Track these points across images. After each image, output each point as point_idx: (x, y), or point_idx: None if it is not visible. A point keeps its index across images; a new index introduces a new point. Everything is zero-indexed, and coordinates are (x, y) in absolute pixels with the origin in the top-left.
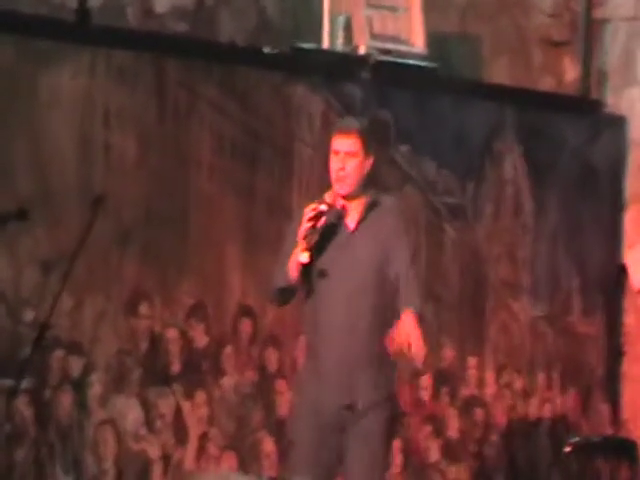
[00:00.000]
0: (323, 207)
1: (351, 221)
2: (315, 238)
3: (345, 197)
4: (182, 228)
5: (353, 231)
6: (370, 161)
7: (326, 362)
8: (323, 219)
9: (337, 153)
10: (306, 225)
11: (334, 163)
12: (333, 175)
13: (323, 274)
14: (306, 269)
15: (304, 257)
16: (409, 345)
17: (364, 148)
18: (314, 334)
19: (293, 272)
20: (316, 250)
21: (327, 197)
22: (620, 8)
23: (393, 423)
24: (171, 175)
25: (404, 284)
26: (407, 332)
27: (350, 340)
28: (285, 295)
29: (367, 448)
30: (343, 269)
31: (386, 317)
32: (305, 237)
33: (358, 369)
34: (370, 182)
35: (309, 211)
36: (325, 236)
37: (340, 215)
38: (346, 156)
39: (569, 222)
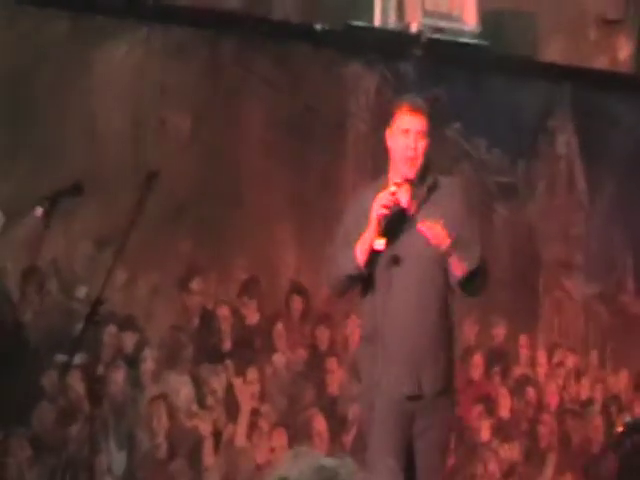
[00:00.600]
0: (393, 189)
1: (412, 204)
2: (387, 224)
3: (411, 181)
4: (235, 204)
5: (415, 215)
6: (428, 141)
7: (394, 349)
8: (394, 200)
9: (407, 132)
10: (381, 211)
11: (404, 142)
12: (401, 155)
13: (396, 261)
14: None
15: (380, 244)
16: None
17: (428, 127)
18: (381, 319)
19: (362, 258)
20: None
21: (393, 180)
22: None
23: (455, 406)
24: (225, 151)
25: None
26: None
27: (420, 328)
28: (353, 282)
29: (437, 438)
30: (412, 255)
31: (445, 300)
32: (380, 223)
33: (426, 358)
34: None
35: (383, 196)
36: (394, 222)
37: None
38: (417, 136)
39: (623, 200)
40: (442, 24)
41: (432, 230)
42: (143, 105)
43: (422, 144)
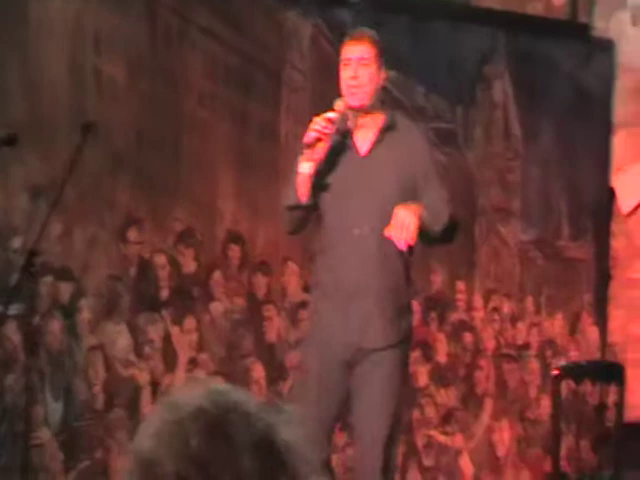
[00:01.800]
0: (332, 114)
1: (363, 143)
2: (322, 151)
3: (358, 111)
4: (174, 154)
5: (366, 155)
6: (383, 75)
7: (338, 295)
8: (331, 128)
9: (348, 61)
10: (311, 134)
11: (345, 72)
12: (344, 86)
13: (327, 188)
14: (317, 191)
15: (306, 167)
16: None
17: (377, 57)
18: (321, 261)
19: (301, 187)
20: (327, 171)
21: (337, 105)
22: None
23: (405, 366)
24: (163, 101)
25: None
26: (403, 218)
27: (364, 276)
28: (297, 214)
29: (379, 396)
30: (356, 191)
31: (398, 254)
32: (309, 146)
33: (371, 308)
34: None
35: (319, 120)
36: (335, 155)
37: (349, 126)
38: (358, 64)
39: (559, 146)
40: None
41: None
42: (79, 55)
43: (365, 72)
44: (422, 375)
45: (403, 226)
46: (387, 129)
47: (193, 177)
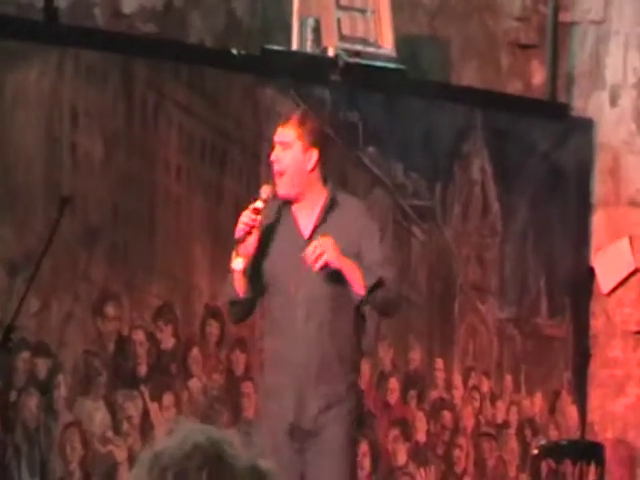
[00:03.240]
0: (258, 204)
1: (306, 225)
2: (253, 243)
3: (289, 198)
4: (149, 229)
5: (309, 237)
6: (313, 155)
7: (281, 377)
8: (259, 218)
9: (275, 144)
10: (240, 227)
11: (274, 157)
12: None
13: (276, 282)
14: (258, 278)
15: (238, 263)
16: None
17: (303, 139)
18: (269, 339)
19: (237, 283)
20: (267, 256)
21: (263, 192)
22: (588, 12)
23: (353, 438)
24: (139, 175)
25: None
26: (320, 241)
27: (306, 353)
28: (236, 309)
29: (327, 466)
30: (299, 279)
31: (349, 323)
32: (240, 240)
33: (310, 387)
34: (338, 184)
35: (245, 215)
36: (276, 239)
37: (281, 210)
38: (280, 147)
39: (537, 224)
40: (359, 48)
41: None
42: (56, 129)
43: (286, 155)
44: (401, 453)
45: (317, 247)
46: (328, 209)
47: (169, 252)
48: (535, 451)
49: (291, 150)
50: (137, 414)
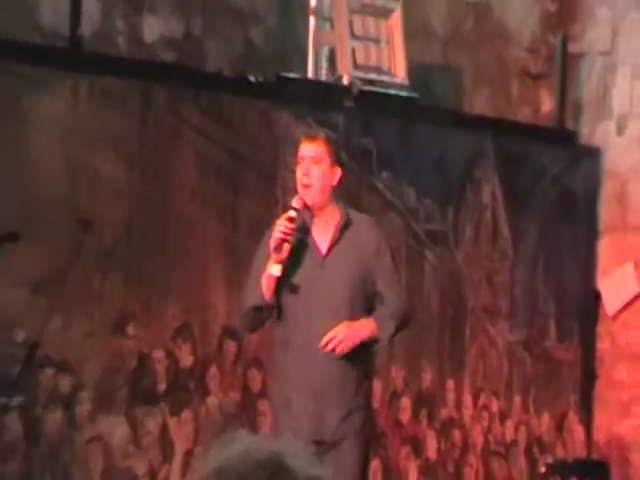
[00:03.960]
0: (292, 213)
1: (323, 243)
2: (287, 251)
3: (312, 209)
4: (167, 251)
5: (326, 254)
6: (337, 172)
7: (296, 390)
8: (293, 226)
9: (302, 159)
10: (277, 235)
11: (299, 170)
12: (299, 184)
13: (294, 290)
14: (279, 288)
15: (276, 269)
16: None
17: (330, 156)
18: (284, 356)
19: (267, 288)
20: (289, 267)
21: (295, 202)
22: (596, 43)
23: (366, 456)
24: (157, 199)
25: (387, 305)
26: (338, 331)
27: (322, 367)
28: (258, 315)
29: (346, 475)
30: (317, 291)
31: (360, 347)
32: (276, 249)
33: (331, 396)
34: (351, 207)
35: (281, 222)
36: (298, 252)
37: (307, 223)
38: (311, 162)
39: (546, 249)
40: (372, 76)
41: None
42: (77, 154)
43: (316, 170)
44: (412, 471)
45: (334, 338)
46: (344, 227)
47: (187, 273)
48: (543, 469)
49: (321, 165)
50: (156, 429)
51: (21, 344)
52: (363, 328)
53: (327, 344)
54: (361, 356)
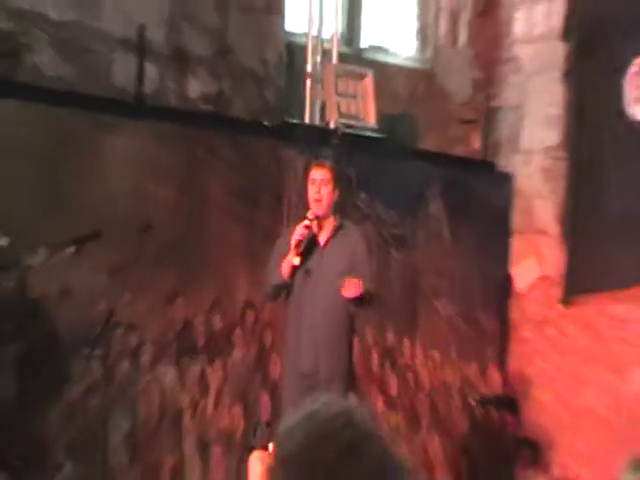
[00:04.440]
0: (307, 222)
1: (322, 239)
2: (303, 247)
3: (319, 218)
4: (205, 247)
5: (324, 247)
6: (337, 192)
7: (305, 338)
8: (307, 231)
9: (314, 181)
10: (297, 237)
11: (311, 189)
12: (311, 198)
13: (308, 273)
14: (293, 271)
15: (297, 260)
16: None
17: (333, 179)
18: (297, 318)
19: (286, 272)
20: (302, 258)
21: (309, 214)
22: (510, 100)
23: (347, 388)
24: (197, 211)
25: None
26: (353, 284)
27: (323, 323)
28: (278, 290)
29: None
30: (319, 273)
31: (347, 310)
32: (296, 246)
33: (325, 344)
34: (340, 217)
35: (299, 227)
36: (308, 247)
37: (315, 229)
38: (320, 182)
39: (475, 246)
40: (352, 122)
41: (350, 286)
42: (141, 178)
43: (325, 189)
44: (379, 403)
45: (355, 285)
46: (338, 229)
47: (220, 263)
48: (472, 402)
49: (328, 186)
50: (197, 373)
51: (101, 312)
52: (358, 285)
53: (350, 288)
54: (343, 320)
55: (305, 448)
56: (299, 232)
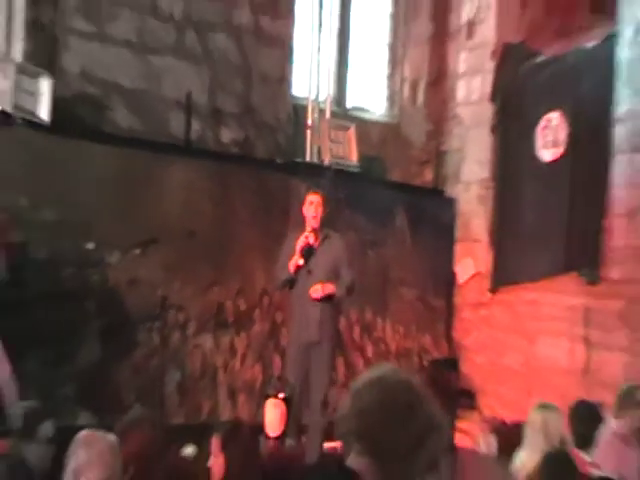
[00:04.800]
0: (307, 234)
1: (316, 244)
2: (304, 251)
3: (315, 230)
4: (235, 250)
5: (317, 249)
6: (325, 211)
7: (305, 317)
8: (308, 240)
9: (311, 203)
10: (301, 244)
11: (309, 209)
12: (309, 216)
13: (310, 272)
14: (297, 269)
15: (301, 261)
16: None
17: (324, 202)
18: (298, 302)
19: (292, 269)
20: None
21: (308, 228)
22: (453, 145)
23: (334, 353)
24: (230, 224)
25: (342, 279)
26: (316, 290)
27: (318, 306)
28: (287, 283)
29: (322, 364)
30: (314, 270)
31: (334, 298)
32: (300, 251)
33: (320, 321)
34: (330, 227)
35: (303, 237)
36: (307, 251)
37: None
38: (317, 205)
39: (429, 250)
40: (340, 161)
41: (321, 289)
42: (188, 199)
43: (319, 209)
44: (360, 365)
45: (317, 290)
46: (325, 238)
47: (244, 262)
48: (426, 364)
49: (320, 207)
50: (227, 342)
51: (158, 297)
52: (329, 287)
53: (315, 292)
54: (332, 304)
55: (378, 403)
56: (302, 241)
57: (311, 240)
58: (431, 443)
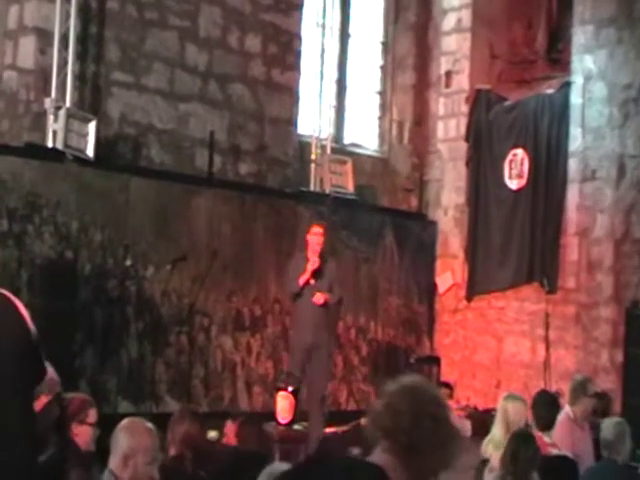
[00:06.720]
0: (314, 259)
1: (319, 266)
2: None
3: (320, 254)
4: (252, 266)
5: (319, 270)
6: (327, 238)
7: (305, 323)
8: (315, 266)
9: (316, 234)
10: (311, 268)
11: (314, 239)
12: (313, 244)
13: (313, 287)
14: (304, 284)
15: (312, 281)
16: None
17: (326, 233)
18: (302, 312)
19: (302, 284)
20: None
21: (314, 254)
22: (434, 176)
23: (331, 354)
24: (247, 244)
25: (334, 292)
26: (318, 298)
27: (318, 315)
28: (296, 295)
29: (320, 365)
30: (316, 286)
31: (330, 307)
32: (312, 272)
33: (319, 327)
34: (330, 245)
35: (312, 261)
36: (314, 272)
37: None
38: (320, 236)
39: (413, 265)
40: (339, 190)
41: (322, 296)
42: (213, 224)
43: (322, 240)
44: (355, 360)
45: (318, 298)
46: (324, 261)
47: (260, 275)
48: (412, 360)
49: (322, 237)
50: (245, 342)
51: (186, 305)
52: (327, 296)
53: (317, 299)
54: (330, 311)
55: (410, 407)
56: (313, 264)
57: (317, 265)
58: (450, 447)
